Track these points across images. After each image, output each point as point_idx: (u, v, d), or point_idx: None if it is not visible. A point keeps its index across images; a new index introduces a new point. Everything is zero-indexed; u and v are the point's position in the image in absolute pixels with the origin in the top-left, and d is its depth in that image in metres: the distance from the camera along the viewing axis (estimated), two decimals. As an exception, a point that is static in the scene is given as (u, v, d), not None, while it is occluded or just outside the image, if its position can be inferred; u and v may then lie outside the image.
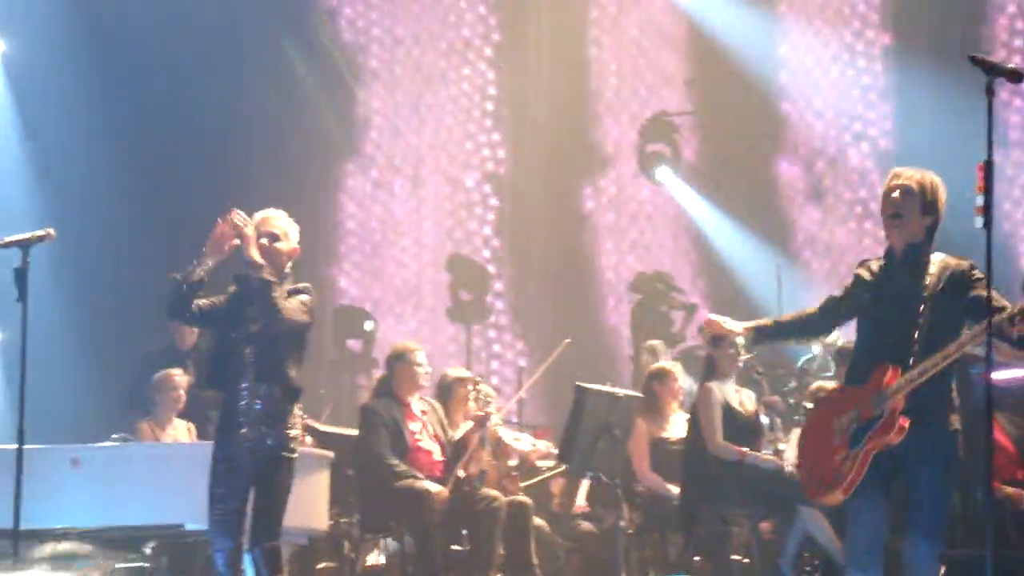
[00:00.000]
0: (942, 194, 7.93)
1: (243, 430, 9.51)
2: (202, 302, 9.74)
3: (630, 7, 18.68)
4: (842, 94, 17.99)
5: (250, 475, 9.52)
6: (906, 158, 13.66)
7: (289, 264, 9.64)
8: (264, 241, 9.56)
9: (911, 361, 7.62)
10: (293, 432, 9.72)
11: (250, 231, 9.50)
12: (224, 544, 9.46)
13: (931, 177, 8.00)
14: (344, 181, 18.76)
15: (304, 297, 9.59)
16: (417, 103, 18.97)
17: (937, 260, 7.88)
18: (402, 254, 18.75)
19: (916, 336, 7.71)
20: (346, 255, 18.35)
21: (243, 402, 9.58)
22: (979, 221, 7.40)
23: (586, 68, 18.73)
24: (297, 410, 9.80)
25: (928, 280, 7.81)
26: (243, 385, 9.55)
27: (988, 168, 7.37)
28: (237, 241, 9.53)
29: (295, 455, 9.72)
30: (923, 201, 7.81)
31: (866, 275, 8.03)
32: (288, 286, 9.55)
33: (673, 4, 18.28)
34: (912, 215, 7.83)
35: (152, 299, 13.94)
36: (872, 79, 17.95)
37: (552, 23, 18.67)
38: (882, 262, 8.04)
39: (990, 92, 7.15)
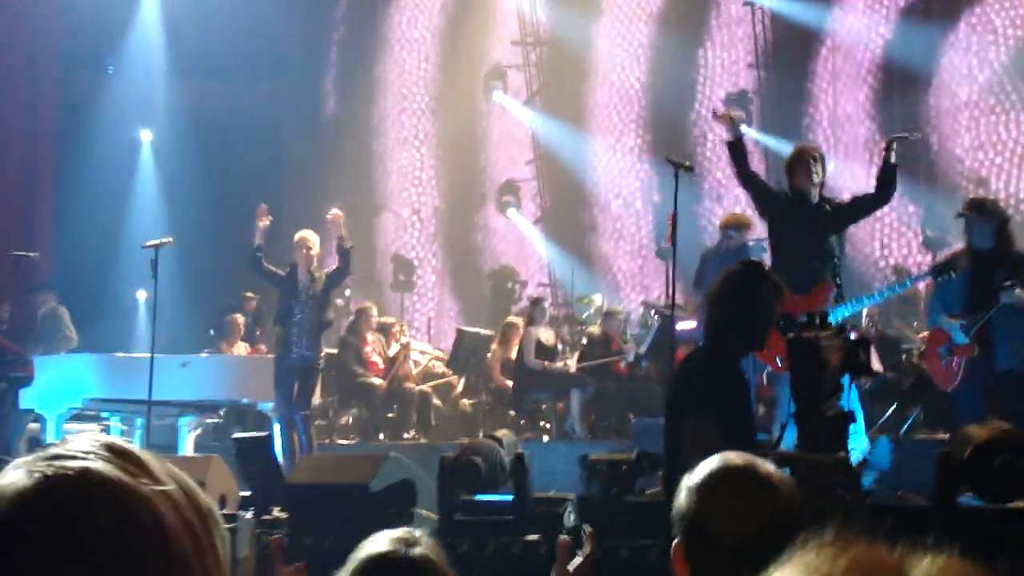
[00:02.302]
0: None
1: (296, 349, 10.35)
2: (270, 267, 10.35)
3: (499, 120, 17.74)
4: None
5: (296, 376, 10.33)
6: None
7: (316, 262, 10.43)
8: (304, 250, 10.31)
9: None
10: (321, 352, 10.66)
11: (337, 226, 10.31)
12: (281, 413, 10.40)
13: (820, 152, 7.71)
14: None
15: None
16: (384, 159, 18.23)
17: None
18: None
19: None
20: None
21: (295, 334, 10.32)
22: (666, 253, 8.13)
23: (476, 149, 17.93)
24: (322, 339, 10.65)
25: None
26: (295, 326, 10.34)
27: (675, 218, 7.89)
28: (265, 222, 10.12)
29: (321, 365, 10.70)
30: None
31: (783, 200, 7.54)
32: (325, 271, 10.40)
33: (519, 122, 17.48)
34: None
35: (221, 276, 14.44)
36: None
37: (456, 125, 17.75)
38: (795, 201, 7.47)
39: (676, 176, 7.67)
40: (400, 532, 2.20)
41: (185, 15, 16.14)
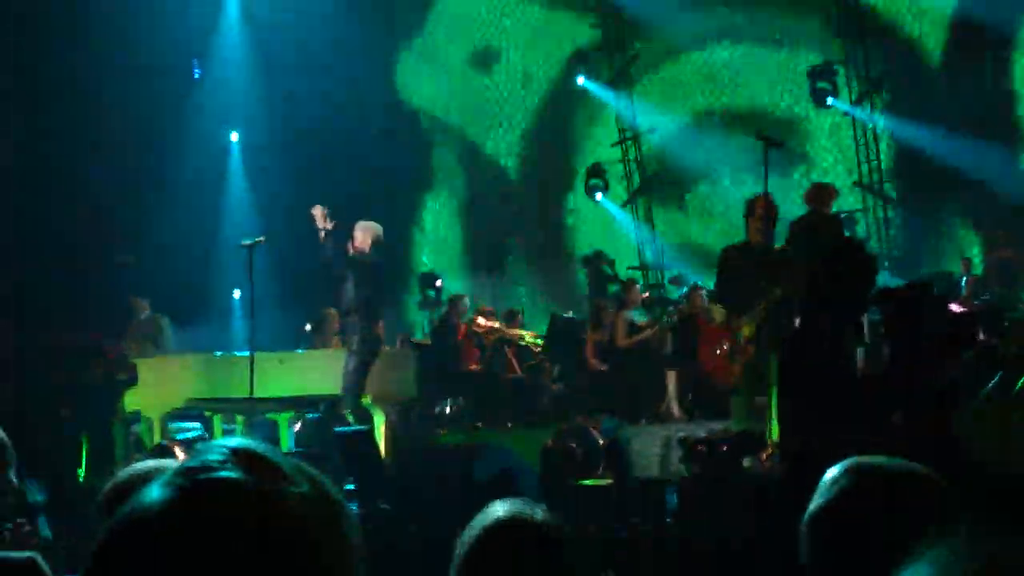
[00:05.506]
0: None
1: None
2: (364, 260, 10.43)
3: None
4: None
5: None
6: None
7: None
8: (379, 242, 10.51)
9: None
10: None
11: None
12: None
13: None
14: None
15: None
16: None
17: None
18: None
19: None
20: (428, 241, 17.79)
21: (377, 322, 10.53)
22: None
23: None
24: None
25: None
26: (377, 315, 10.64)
27: (766, 198, 7.83)
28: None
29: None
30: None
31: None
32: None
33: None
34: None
35: (313, 272, 14.06)
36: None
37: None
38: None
39: (766, 152, 7.85)
40: (519, 502, 2.15)
41: (265, 15, 16.51)
